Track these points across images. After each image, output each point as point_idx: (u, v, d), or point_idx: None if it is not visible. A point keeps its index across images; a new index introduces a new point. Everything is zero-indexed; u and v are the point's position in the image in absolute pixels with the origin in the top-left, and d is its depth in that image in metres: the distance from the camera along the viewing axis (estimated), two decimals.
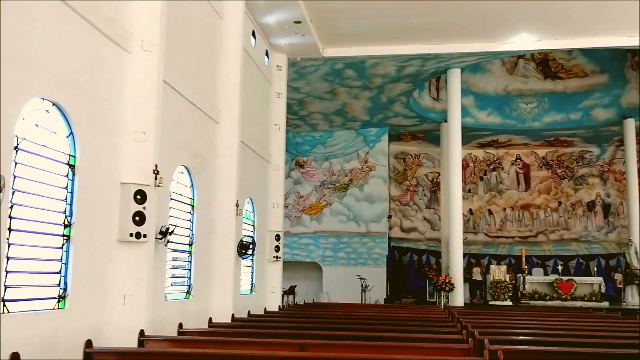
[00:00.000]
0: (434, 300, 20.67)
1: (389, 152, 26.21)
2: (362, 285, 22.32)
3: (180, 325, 8.78)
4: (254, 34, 15.13)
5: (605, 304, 20.44)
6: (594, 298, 20.78)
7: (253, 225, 14.83)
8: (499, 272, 20.59)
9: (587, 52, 24.00)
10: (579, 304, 19.94)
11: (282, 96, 16.91)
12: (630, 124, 23.75)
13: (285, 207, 22.71)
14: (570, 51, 24.11)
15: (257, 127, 15.33)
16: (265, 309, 13.72)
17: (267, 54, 16.44)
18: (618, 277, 22.33)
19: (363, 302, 21.73)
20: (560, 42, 17.80)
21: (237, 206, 12.20)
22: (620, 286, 22.02)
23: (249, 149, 14.15)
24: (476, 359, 6.17)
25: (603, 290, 21.27)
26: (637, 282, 21.94)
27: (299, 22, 15.28)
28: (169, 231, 9.25)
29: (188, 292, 10.73)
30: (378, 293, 23.10)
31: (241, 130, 12.64)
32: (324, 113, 23.54)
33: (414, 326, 9.59)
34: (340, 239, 24.85)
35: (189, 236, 10.82)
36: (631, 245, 22.54)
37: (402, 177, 27.88)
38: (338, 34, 16.94)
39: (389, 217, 25.63)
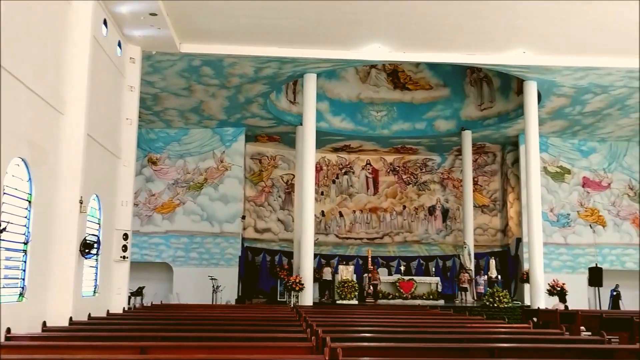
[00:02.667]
0: (285, 300, 20.94)
1: (245, 153, 26.22)
2: (213, 286, 22.11)
3: (9, 330, 8.12)
4: (105, 23, 14.41)
5: (441, 302, 21.98)
6: (431, 297, 22.23)
7: (99, 224, 14.12)
8: (346, 272, 21.24)
9: (432, 67, 25.75)
10: (418, 302, 21.25)
11: (135, 90, 16.27)
12: (467, 136, 25.86)
13: (136, 205, 21.92)
14: (417, 64, 25.71)
15: (107, 121, 14.61)
16: (107, 311, 13.11)
17: (120, 45, 15.72)
18: (463, 276, 23.57)
19: (214, 303, 21.53)
20: (408, 55, 18.94)
21: (81, 203, 11.60)
22: (465, 285, 23.41)
23: (96, 143, 13.44)
24: (317, 357, 6.36)
25: (440, 289, 22.87)
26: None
27: (154, 14, 14.80)
28: (1, 229, 8.54)
29: (21, 294, 9.97)
30: (230, 293, 23.01)
31: (88, 123, 12.04)
32: (179, 110, 23.00)
33: (262, 326, 9.69)
34: (193, 239, 24.42)
35: (24, 234, 10.06)
36: (465, 247, 24.50)
37: (258, 177, 27.99)
38: (196, 29, 16.66)
39: (243, 217, 25.63)
